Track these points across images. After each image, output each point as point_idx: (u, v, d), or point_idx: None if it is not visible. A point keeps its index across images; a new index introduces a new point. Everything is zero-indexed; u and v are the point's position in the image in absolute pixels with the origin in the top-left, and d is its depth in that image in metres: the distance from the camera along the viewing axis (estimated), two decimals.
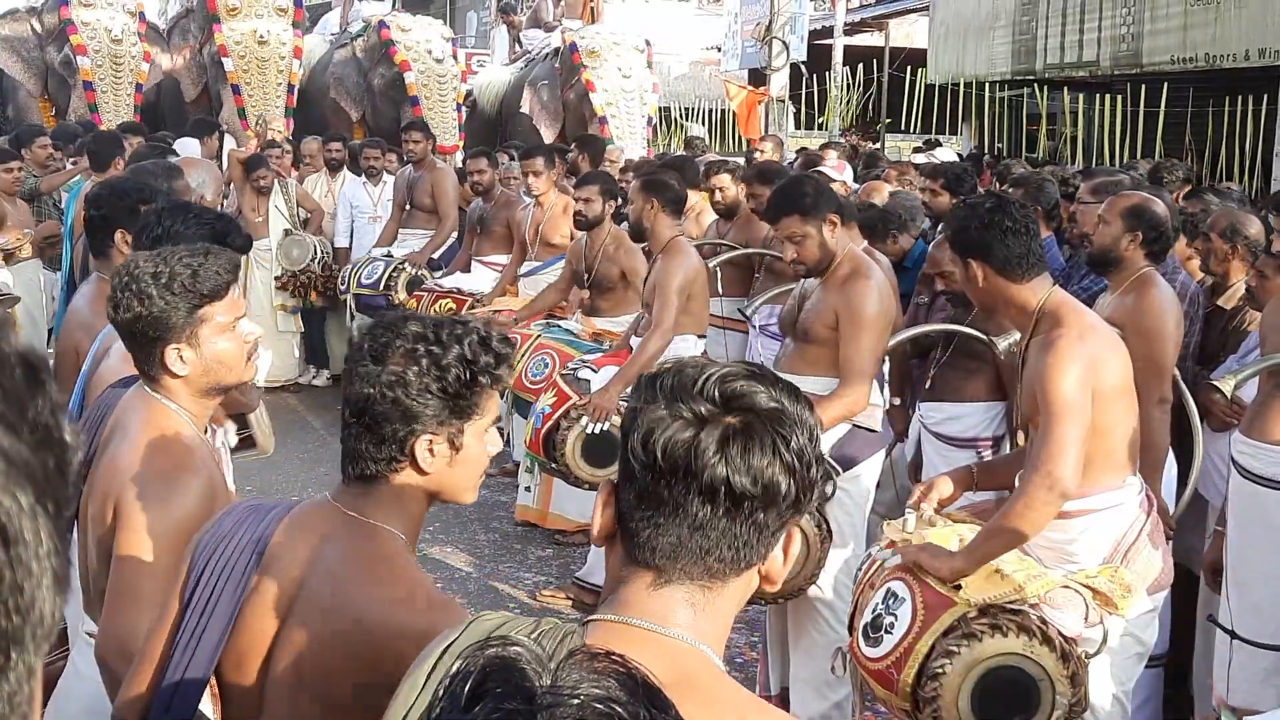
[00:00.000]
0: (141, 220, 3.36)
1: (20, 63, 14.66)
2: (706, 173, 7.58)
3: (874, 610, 3.33)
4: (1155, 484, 3.92)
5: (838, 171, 7.64)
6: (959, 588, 3.20)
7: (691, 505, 1.36)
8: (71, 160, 9.43)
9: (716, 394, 1.36)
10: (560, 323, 6.70)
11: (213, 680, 2.05)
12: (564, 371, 5.88)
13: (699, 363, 1.42)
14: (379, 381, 1.96)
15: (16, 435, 0.66)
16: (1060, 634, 3.15)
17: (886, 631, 3.25)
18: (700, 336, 5.92)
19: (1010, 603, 3.17)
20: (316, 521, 2.04)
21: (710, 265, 6.38)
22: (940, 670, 3.12)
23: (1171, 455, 4.34)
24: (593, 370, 5.74)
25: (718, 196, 7.36)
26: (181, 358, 2.54)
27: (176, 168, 5.67)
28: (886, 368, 5.51)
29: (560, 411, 5.61)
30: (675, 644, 1.38)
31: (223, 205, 9.09)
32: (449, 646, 1.48)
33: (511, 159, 9.65)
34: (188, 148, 9.05)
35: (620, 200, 6.93)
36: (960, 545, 3.33)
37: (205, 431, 2.73)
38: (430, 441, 1.98)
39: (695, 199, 7.61)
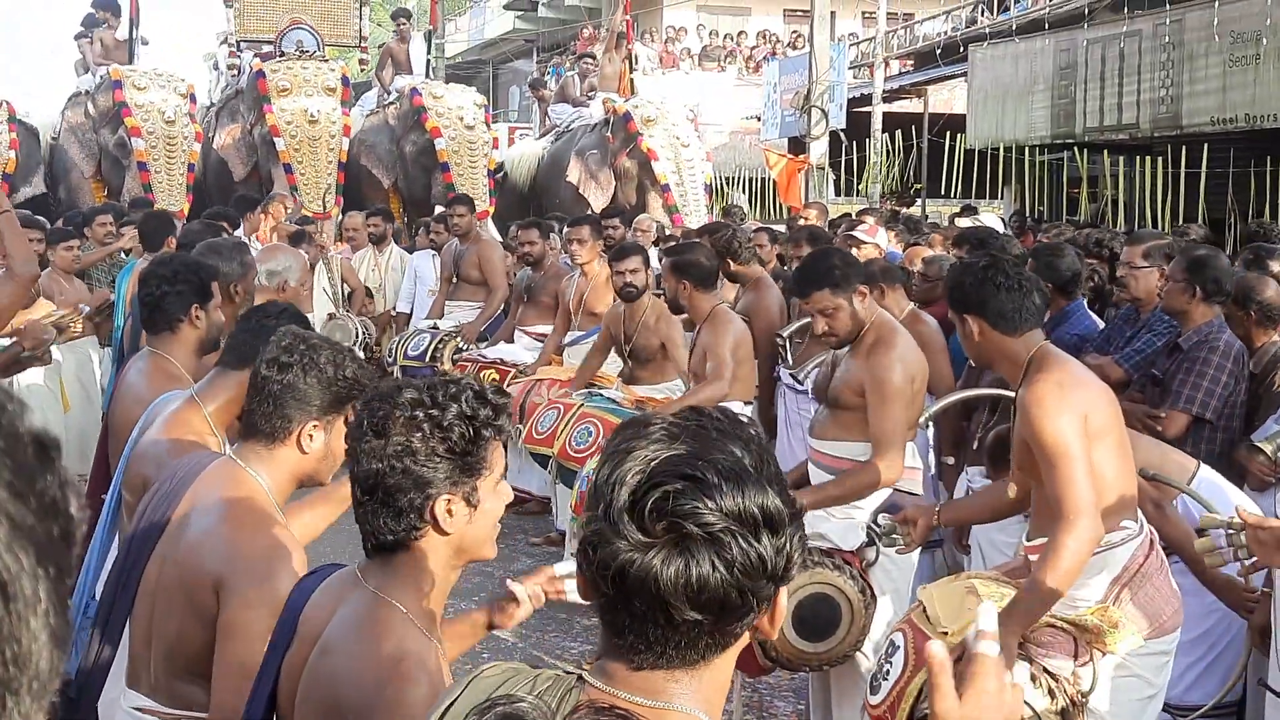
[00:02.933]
0: (268, 305, 3.50)
1: (76, 145, 15.04)
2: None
3: (878, 661, 3.49)
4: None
5: (870, 235, 7.68)
6: (946, 633, 3.28)
7: (644, 626, 1.33)
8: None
9: (650, 514, 1.29)
10: (603, 391, 6.76)
11: None
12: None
13: (640, 462, 1.32)
14: (385, 455, 1.99)
15: (24, 503, 0.72)
16: (1046, 671, 3.19)
17: (884, 678, 3.39)
18: (747, 403, 5.95)
19: None
20: (339, 589, 2.11)
21: (782, 336, 6.52)
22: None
23: None
24: None
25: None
26: (311, 435, 2.62)
27: (244, 246, 5.79)
28: (931, 432, 5.51)
29: None
30: (670, 714, 1.35)
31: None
32: (451, 705, 1.49)
33: (553, 230, 9.78)
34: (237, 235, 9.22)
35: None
36: (965, 598, 3.41)
37: None
38: (448, 502, 2.02)
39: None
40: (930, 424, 5.22)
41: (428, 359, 8.86)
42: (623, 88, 15.82)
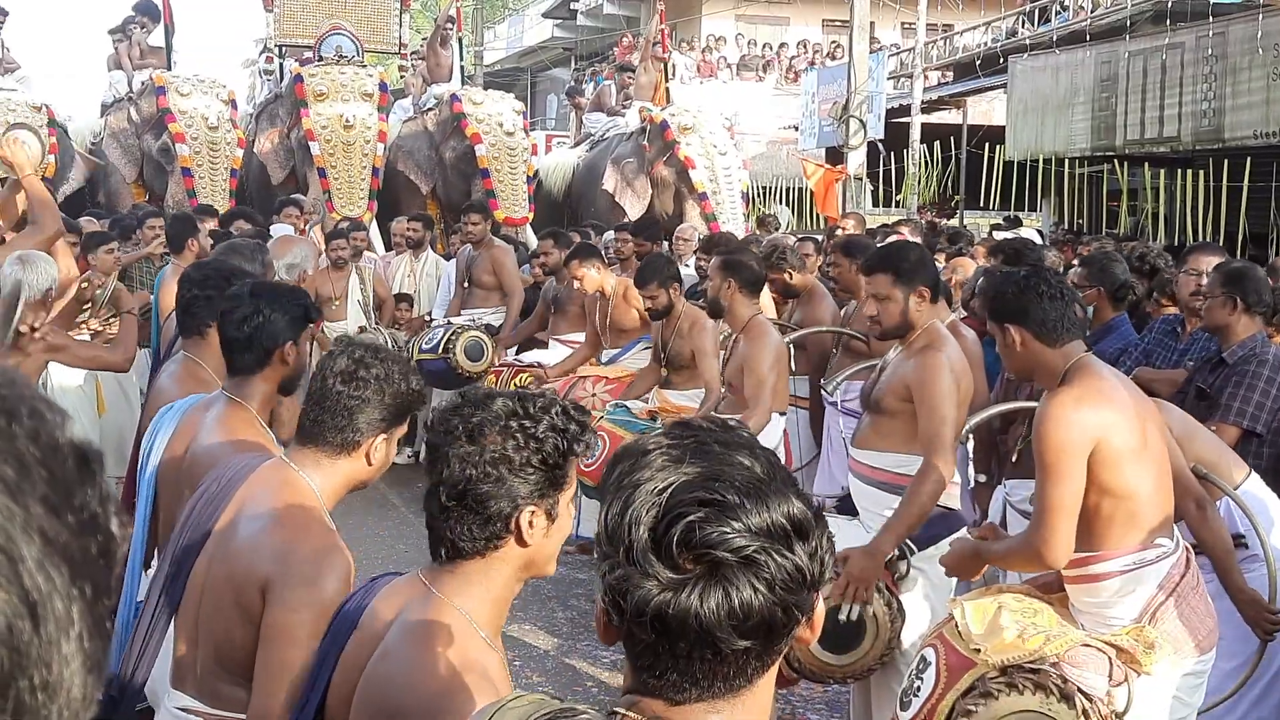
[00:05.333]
0: (232, 300, 3.33)
1: (118, 149, 15.18)
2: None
3: (909, 677, 3.48)
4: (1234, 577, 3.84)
5: None
6: (979, 650, 3.28)
7: (688, 664, 1.26)
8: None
9: (677, 548, 1.22)
10: (627, 404, 6.86)
11: None
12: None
13: (650, 495, 1.24)
14: (480, 461, 1.98)
15: (59, 518, 0.68)
16: (1080, 691, 3.19)
17: (915, 695, 3.38)
18: (781, 414, 5.94)
19: (1030, 662, 3.24)
20: (402, 594, 2.11)
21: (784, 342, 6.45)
22: None
23: None
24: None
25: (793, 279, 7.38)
26: (378, 447, 2.62)
27: (263, 246, 5.82)
28: (971, 445, 5.47)
29: None
30: None
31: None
32: None
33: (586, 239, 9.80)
34: (282, 232, 9.28)
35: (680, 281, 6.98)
36: (997, 615, 3.40)
37: None
38: (533, 514, 2.02)
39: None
40: (970, 437, 5.18)
41: (441, 350, 8.89)
42: (658, 97, 15.82)
